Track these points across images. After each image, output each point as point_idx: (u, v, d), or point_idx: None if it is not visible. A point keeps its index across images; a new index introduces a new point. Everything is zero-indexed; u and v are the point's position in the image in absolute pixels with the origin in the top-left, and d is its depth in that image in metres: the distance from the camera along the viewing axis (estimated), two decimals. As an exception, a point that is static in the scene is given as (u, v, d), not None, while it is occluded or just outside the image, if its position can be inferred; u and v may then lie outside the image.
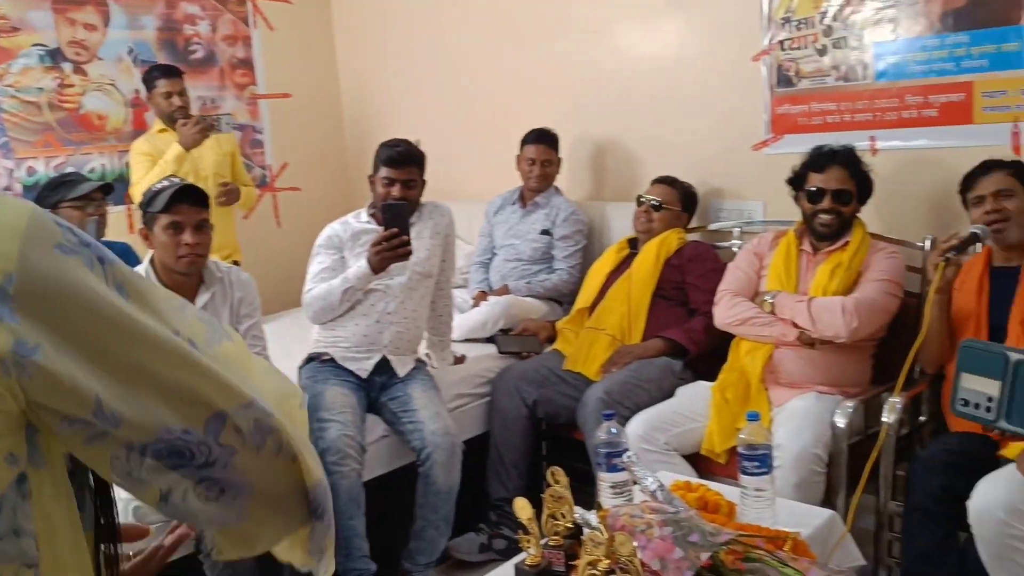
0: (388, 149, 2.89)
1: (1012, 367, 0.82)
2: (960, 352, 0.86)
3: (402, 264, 2.80)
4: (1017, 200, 2.47)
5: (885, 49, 2.99)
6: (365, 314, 2.88)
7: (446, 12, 4.37)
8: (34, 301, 0.55)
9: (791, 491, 2.35)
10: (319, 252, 2.96)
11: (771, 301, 2.75)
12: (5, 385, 0.55)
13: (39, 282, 0.56)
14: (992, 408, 0.83)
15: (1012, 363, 0.82)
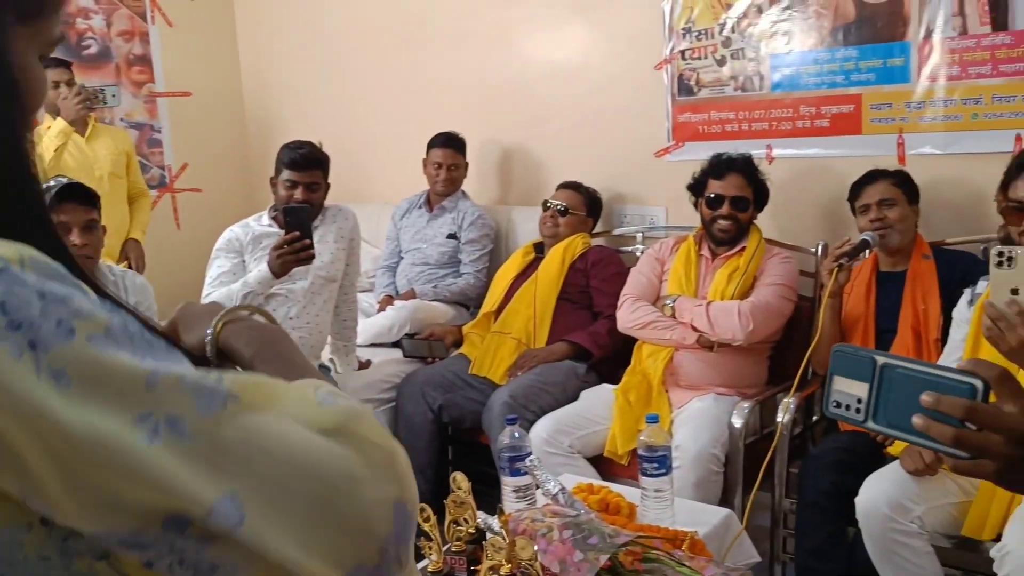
0: (291, 151, 2.84)
1: (879, 370, 0.86)
2: (832, 356, 0.89)
3: (305, 268, 2.75)
4: (899, 209, 2.59)
5: (780, 61, 3.09)
6: None
7: (354, 13, 4.32)
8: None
9: (690, 490, 2.40)
10: (218, 256, 2.88)
11: (671, 305, 2.81)
12: None
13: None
14: (861, 409, 0.87)
15: (879, 366, 0.86)
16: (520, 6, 3.73)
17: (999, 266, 1.65)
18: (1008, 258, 1.64)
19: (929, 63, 2.80)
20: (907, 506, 2.07)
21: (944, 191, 2.78)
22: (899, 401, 0.84)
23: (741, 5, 3.13)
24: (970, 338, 2.20)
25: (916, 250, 2.63)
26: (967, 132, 2.77)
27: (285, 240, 2.61)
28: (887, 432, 0.87)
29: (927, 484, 2.10)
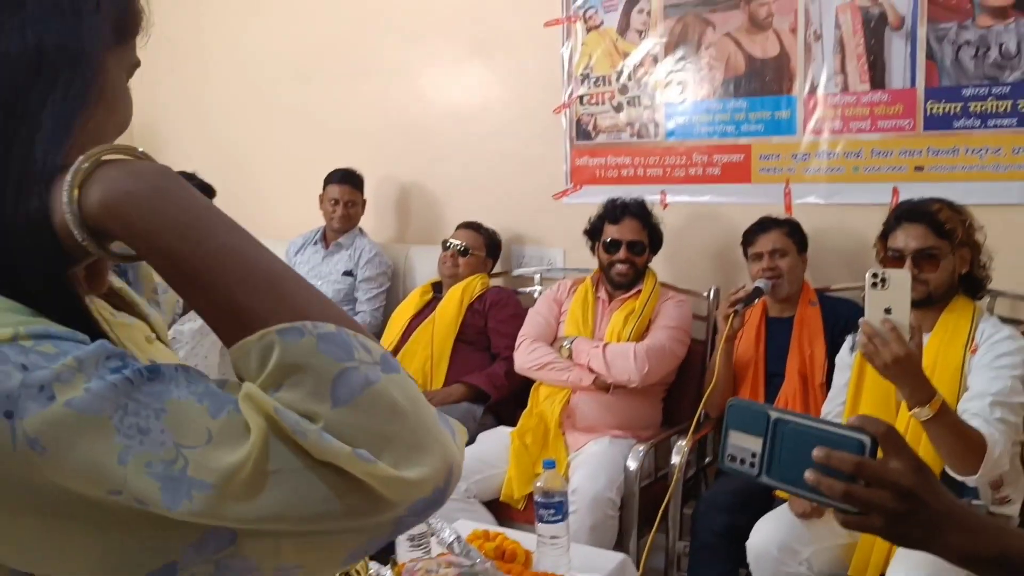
0: None
1: (772, 425, 0.87)
2: (728, 410, 0.90)
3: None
4: (790, 259, 2.68)
5: (674, 110, 3.18)
6: None
7: (252, 42, 4.24)
8: None
9: (586, 534, 2.40)
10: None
11: (569, 347, 2.83)
12: None
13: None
14: (755, 464, 0.88)
15: (772, 421, 0.87)
16: (421, 45, 3.73)
17: (873, 287, 1.76)
18: (881, 279, 1.76)
19: (814, 117, 2.93)
20: (796, 548, 2.12)
21: (828, 239, 2.90)
22: (792, 456, 0.85)
23: (638, 54, 3.21)
24: (852, 383, 2.28)
25: (803, 296, 2.72)
26: (849, 184, 2.90)
27: None
28: (780, 487, 0.88)
29: (815, 526, 2.16)
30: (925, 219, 2.21)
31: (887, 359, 1.73)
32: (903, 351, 1.72)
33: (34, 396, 0.50)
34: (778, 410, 0.88)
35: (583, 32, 3.32)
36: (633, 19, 3.22)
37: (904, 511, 0.81)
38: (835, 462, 0.82)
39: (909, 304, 1.76)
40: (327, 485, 0.53)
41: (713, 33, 3.07)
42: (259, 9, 4.19)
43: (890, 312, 1.76)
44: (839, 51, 2.87)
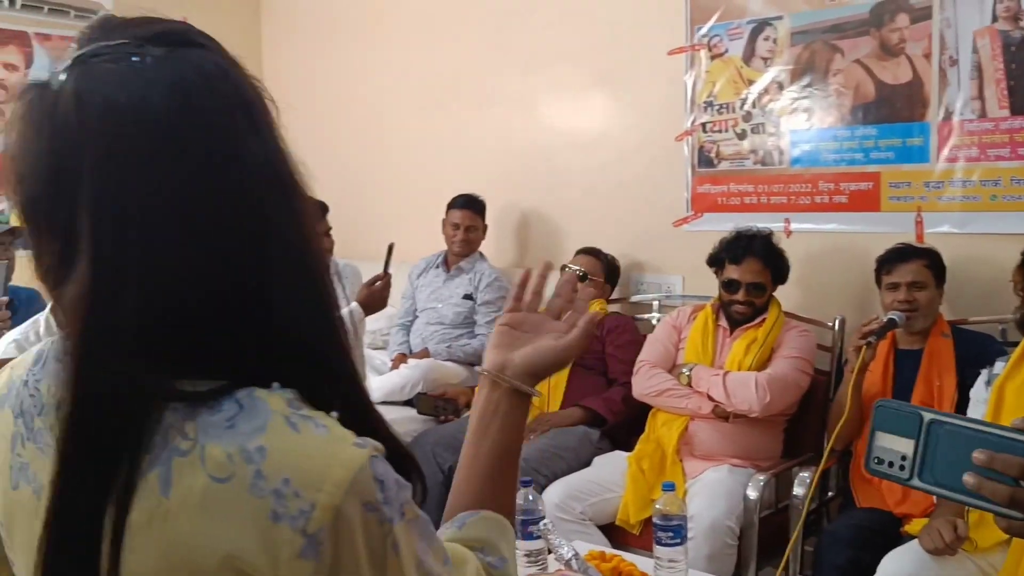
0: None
1: (926, 426, 0.84)
2: (875, 412, 0.88)
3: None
4: (928, 292, 2.59)
5: (800, 137, 3.14)
6: None
7: (381, 73, 4.41)
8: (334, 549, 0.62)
9: (703, 563, 2.36)
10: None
11: (688, 374, 2.80)
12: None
13: (341, 534, 0.62)
14: (905, 467, 0.85)
15: (926, 422, 0.84)
16: (546, 74, 3.81)
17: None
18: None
19: (948, 144, 2.84)
20: (926, 587, 2.03)
21: (961, 270, 2.79)
22: (947, 459, 0.82)
23: (763, 81, 3.19)
24: (987, 418, 2.18)
25: (935, 328, 2.62)
26: (985, 213, 2.79)
27: (389, 279, 2.74)
28: (933, 491, 0.84)
29: (946, 564, 2.07)
30: None
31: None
32: None
33: (398, 509, 0.66)
34: (932, 411, 0.85)
35: (707, 60, 3.33)
36: (759, 46, 3.20)
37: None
38: (999, 464, 0.78)
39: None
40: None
41: (842, 59, 3.02)
42: (385, 39, 4.36)
43: None
44: (976, 76, 2.78)
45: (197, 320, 0.64)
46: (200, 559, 0.61)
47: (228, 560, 0.61)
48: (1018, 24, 2.69)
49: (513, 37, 3.90)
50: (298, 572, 0.62)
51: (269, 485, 0.61)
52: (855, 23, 2.99)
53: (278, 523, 0.61)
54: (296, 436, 0.63)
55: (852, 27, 2.99)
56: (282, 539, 0.61)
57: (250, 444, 0.62)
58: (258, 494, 0.61)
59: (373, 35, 4.44)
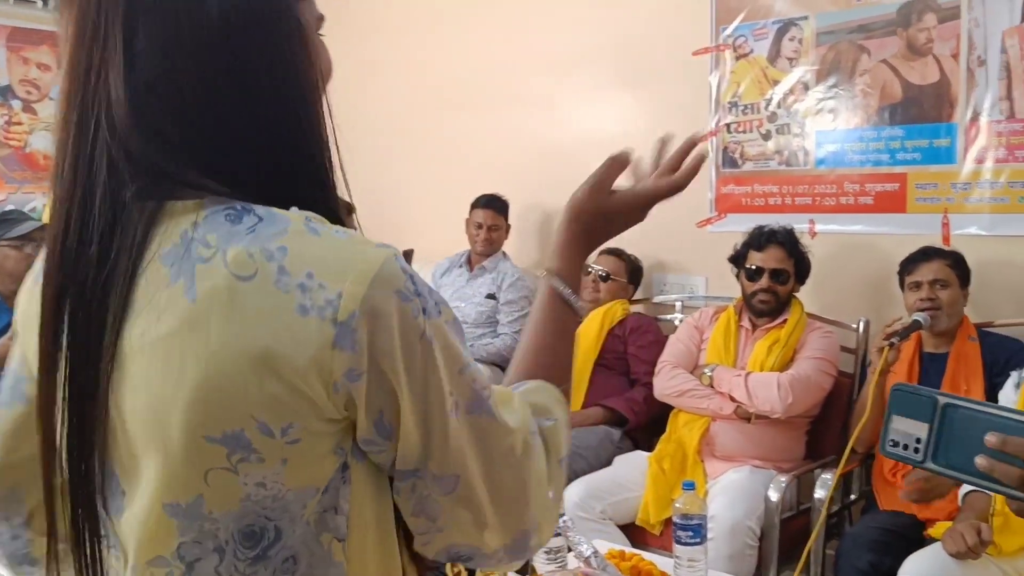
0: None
1: (940, 410, 0.85)
2: (892, 395, 0.88)
3: None
4: (951, 291, 2.57)
5: (825, 138, 3.12)
6: None
7: (405, 72, 4.44)
8: (369, 336, 0.64)
9: (724, 563, 2.36)
10: None
11: (710, 374, 2.80)
12: (333, 400, 0.64)
13: (375, 320, 0.64)
14: (920, 449, 0.86)
15: (940, 406, 0.85)
16: (569, 75, 3.82)
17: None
18: None
19: (976, 145, 2.81)
20: (949, 590, 2.01)
21: (989, 272, 2.76)
22: (961, 442, 0.83)
23: (788, 82, 3.18)
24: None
25: (961, 331, 2.60)
26: (1014, 215, 2.76)
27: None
28: (946, 473, 0.85)
29: (970, 567, 2.05)
30: None
31: None
32: None
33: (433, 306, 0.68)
34: (947, 395, 0.85)
35: (732, 60, 3.32)
36: (784, 47, 3.19)
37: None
38: (1011, 447, 0.79)
39: None
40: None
41: (868, 60, 3.00)
42: (408, 38, 4.39)
43: None
44: (1005, 76, 2.75)
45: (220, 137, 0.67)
46: (235, 362, 0.62)
47: (262, 361, 0.62)
48: (1048, 24, 2.67)
49: (537, 37, 3.91)
50: (335, 365, 0.63)
51: (294, 280, 0.63)
52: (882, 23, 2.97)
53: (306, 316, 0.63)
54: (317, 238, 0.65)
55: (879, 27, 2.97)
56: (312, 331, 0.63)
57: (271, 245, 0.64)
58: (284, 288, 0.63)
59: (396, 34, 4.46)
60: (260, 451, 0.64)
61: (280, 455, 0.64)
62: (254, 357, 0.62)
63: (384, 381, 0.65)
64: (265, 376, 0.62)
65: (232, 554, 0.66)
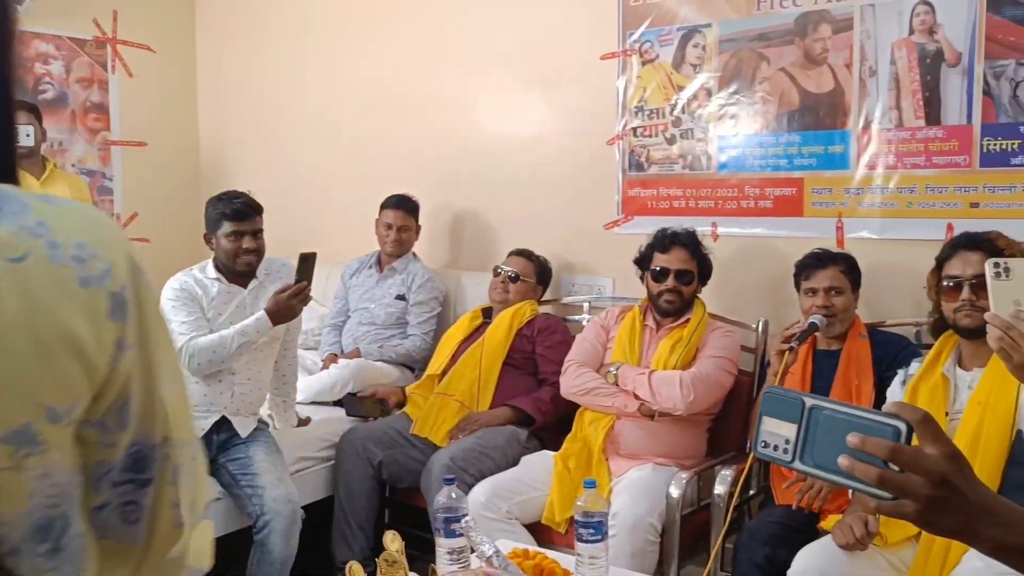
0: (228, 203, 2.82)
1: (807, 411, 0.88)
2: (763, 398, 0.91)
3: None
4: (844, 297, 2.66)
5: (727, 143, 3.21)
6: (207, 373, 2.77)
7: (317, 72, 4.38)
8: (138, 307, 0.65)
9: (626, 560, 2.39)
10: (181, 302, 2.79)
11: (615, 373, 2.84)
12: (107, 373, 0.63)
13: (140, 291, 0.65)
14: (788, 450, 0.89)
15: (807, 407, 0.88)
16: (481, 77, 3.83)
17: (997, 277, 1.59)
18: (1005, 268, 1.58)
19: (867, 152, 2.93)
20: (838, 581, 2.09)
21: (880, 274, 2.87)
22: (826, 442, 0.86)
23: (692, 87, 3.25)
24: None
25: (853, 330, 2.70)
26: (902, 219, 2.89)
27: (297, 289, 2.67)
28: (813, 473, 0.88)
29: (858, 559, 2.13)
30: (983, 246, 2.20)
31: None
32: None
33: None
34: (813, 396, 0.89)
35: (638, 65, 3.38)
36: (688, 53, 3.26)
37: (938, 498, 0.80)
38: (870, 447, 0.82)
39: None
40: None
41: (767, 67, 3.10)
42: (321, 37, 4.33)
43: (1021, 303, 1.57)
44: (894, 87, 2.87)
45: None
46: (25, 348, 0.59)
47: (58, 340, 0.60)
48: (932, 37, 2.79)
49: (450, 39, 3.91)
50: (112, 335, 0.63)
51: (67, 252, 0.61)
52: (780, 32, 3.06)
53: (88, 287, 0.62)
54: (60, 207, 0.64)
55: (777, 36, 3.07)
56: (96, 303, 0.62)
57: (27, 221, 0.61)
58: (61, 263, 0.61)
59: (309, 33, 4.40)
60: (47, 440, 0.61)
61: (62, 439, 0.63)
62: (48, 338, 0.60)
63: (146, 353, 0.66)
64: (60, 356, 0.60)
65: (29, 553, 0.63)
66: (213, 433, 2.78)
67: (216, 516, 2.74)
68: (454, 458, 2.83)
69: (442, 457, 2.85)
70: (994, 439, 2.09)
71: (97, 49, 4.45)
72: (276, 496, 2.65)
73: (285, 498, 2.66)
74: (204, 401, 2.78)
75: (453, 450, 2.89)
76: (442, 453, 2.89)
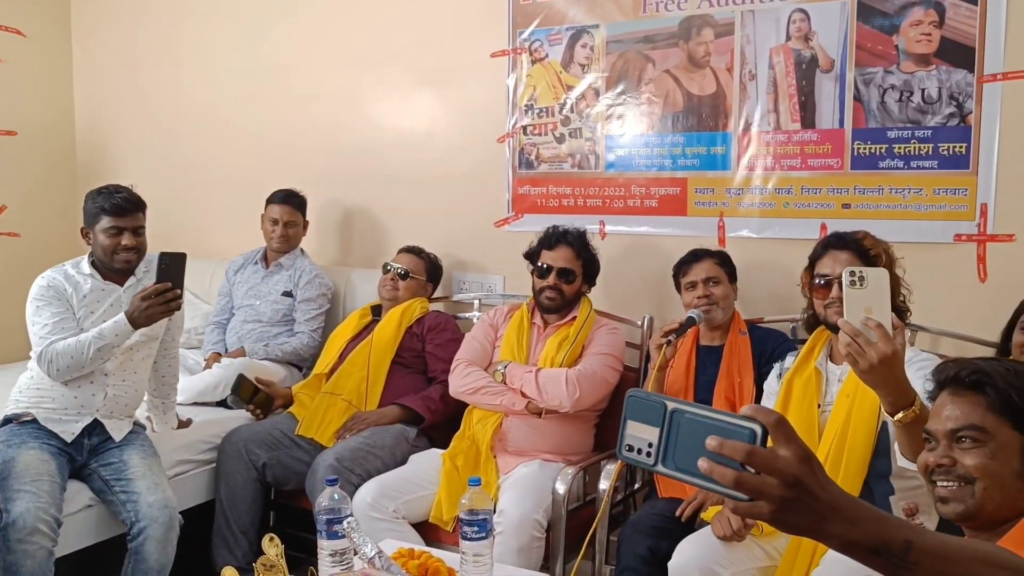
0: (108, 197, 2.68)
1: (669, 415, 0.88)
2: (626, 401, 0.92)
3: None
4: (722, 287, 2.75)
5: (614, 142, 3.25)
6: (69, 378, 2.63)
7: (202, 62, 4.24)
8: None
9: (512, 556, 2.40)
10: (46, 302, 2.64)
11: (502, 371, 2.85)
12: None
13: None
14: (651, 453, 0.89)
15: (669, 411, 0.88)
16: (372, 72, 3.77)
17: (852, 285, 1.63)
18: (860, 277, 1.63)
19: (747, 153, 3.02)
20: (716, 570, 2.14)
21: (759, 273, 2.97)
22: (687, 445, 0.87)
23: (580, 87, 3.29)
24: (777, 409, 2.33)
25: (733, 326, 2.78)
26: (779, 219, 2.99)
27: (157, 290, 2.48)
28: (675, 476, 0.89)
29: (735, 549, 2.19)
30: (851, 245, 2.30)
31: (873, 360, 1.60)
32: (890, 349, 1.59)
33: None
34: (675, 400, 0.89)
35: (528, 64, 3.39)
36: (577, 53, 3.29)
37: (791, 498, 0.83)
38: (727, 450, 0.83)
39: (890, 302, 1.65)
40: None
41: (653, 69, 3.16)
42: (211, 27, 4.20)
43: (871, 312, 1.62)
44: (772, 91, 2.97)
45: None
46: None
47: None
48: (808, 44, 2.90)
49: (341, 32, 3.84)
50: None
51: None
52: (665, 35, 3.13)
53: None
54: None
55: (663, 39, 3.13)
56: None
57: None
58: None
59: (192, 21, 4.25)
60: None
61: None
62: None
63: None
64: None
65: None
66: (84, 437, 2.65)
67: (86, 524, 2.62)
68: (340, 458, 2.78)
69: (327, 457, 2.80)
70: (861, 430, 2.18)
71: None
72: (152, 502, 2.54)
73: (162, 503, 2.56)
74: (75, 404, 2.64)
75: (339, 450, 2.84)
76: (328, 453, 2.84)
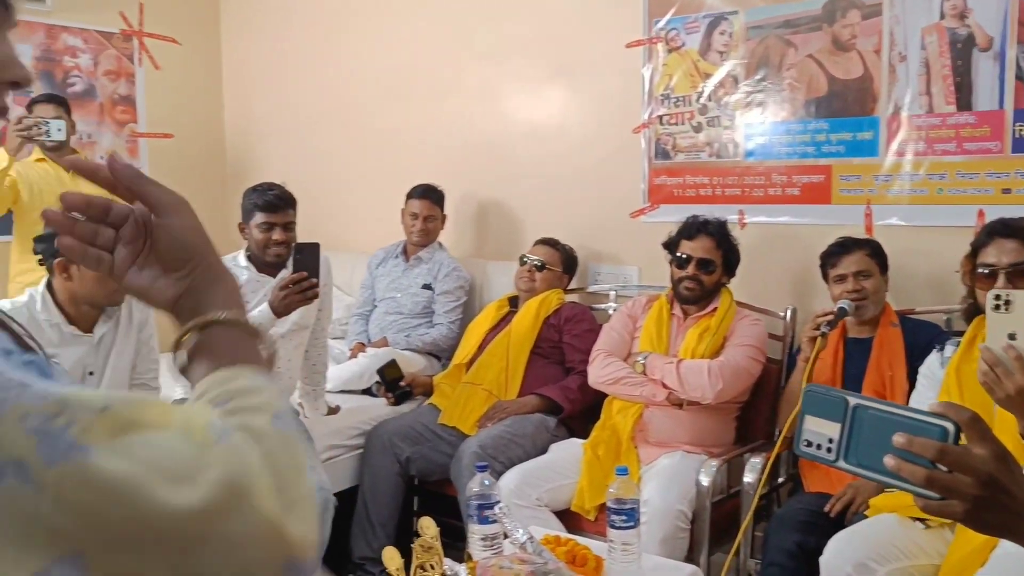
0: (262, 194, 2.85)
1: (851, 410, 0.88)
2: (804, 396, 0.91)
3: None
4: (874, 280, 2.65)
5: (754, 130, 3.19)
6: None
7: (340, 63, 4.39)
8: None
9: (656, 546, 2.41)
10: None
11: (642, 362, 2.84)
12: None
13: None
14: (832, 449, 0.89)
15: (851, 407, 0.88)
16: (505, 65, 3.83)
17: (996, 309, 1.57)
18: (1005, 301, 1.56)
19: (897, 138, 2.91)
20: (871, 567, 2.08)
21: (909, 262, 2.86)
22: (870, 441, 0.86)
23: (718, 75, 3.24)
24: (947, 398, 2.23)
25: (884, 318, 2.68)
26: (932, 206, 2.87)
27: (292, 279, 2.62)
28: (858, 472, 0.88)
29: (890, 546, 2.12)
30: (1019, 234, 2.18)
31: (1010, 391, 1.53)
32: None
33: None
34: (857, 396, 0.89)
35: (664, 53, 3.36)
36: (715, 40, 3.25)
37: (985, 497, 0.81)
38: (917, 447, 0.82)
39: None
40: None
41: (795, 54, 3.08)
42: (349, 29, 4.35)
43: (1015, 338, 1.55)
44: (924, 72, 2.85)
45: None
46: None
47: None
48: (963, 22, 2.77)
49: (473, 28, 3.91)
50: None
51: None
52: (808, 19, 3.04)
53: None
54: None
55: (805, 22, 3.05)
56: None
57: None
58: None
59: (333, 24, 4.41)
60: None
61: None
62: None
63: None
64: None
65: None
66: (245, 421, 2.81)
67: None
68: (483, 446, 2.85)
69: (471, 445, 2.87)
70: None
71: (124, 42, 4.48)
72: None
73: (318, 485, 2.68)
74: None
75: (482, 438, 2.91)
76: (471, 441, 2.91)
